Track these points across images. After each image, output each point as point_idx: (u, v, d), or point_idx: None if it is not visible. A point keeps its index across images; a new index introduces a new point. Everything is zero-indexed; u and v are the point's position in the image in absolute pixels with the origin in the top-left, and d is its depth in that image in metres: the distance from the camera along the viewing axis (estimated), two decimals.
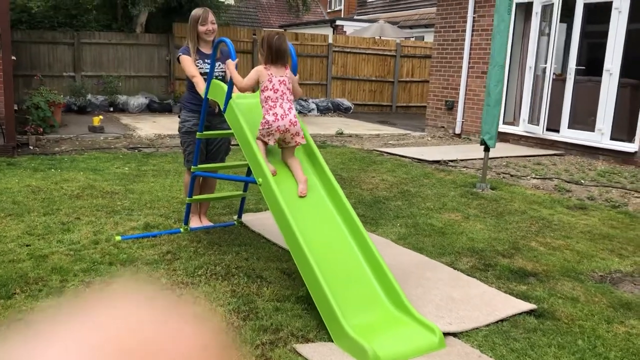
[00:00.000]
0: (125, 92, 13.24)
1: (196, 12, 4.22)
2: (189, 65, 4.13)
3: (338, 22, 21.18)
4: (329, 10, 32.34)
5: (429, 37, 19.63)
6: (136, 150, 8.14)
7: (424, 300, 3.26)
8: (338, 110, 15.11)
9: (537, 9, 9.48)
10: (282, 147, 3.59)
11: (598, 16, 8.80)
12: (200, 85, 4.06)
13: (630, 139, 8.48)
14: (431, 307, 3.19)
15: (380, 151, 8.67)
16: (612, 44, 8.41)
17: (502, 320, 3.08)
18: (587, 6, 8.80)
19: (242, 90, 3.64)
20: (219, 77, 4.13)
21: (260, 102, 3.57)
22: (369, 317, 2.96)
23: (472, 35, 10.77)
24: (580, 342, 2.89)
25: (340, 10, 32.60)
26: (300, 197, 3.41)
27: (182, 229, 4.40)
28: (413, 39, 18.68)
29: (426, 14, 21.09)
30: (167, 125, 10.81)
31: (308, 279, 3.00)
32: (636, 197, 6.23)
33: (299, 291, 3.35)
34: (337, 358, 2.64)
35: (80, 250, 3.94)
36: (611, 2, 8.40)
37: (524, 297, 3.43)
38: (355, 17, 24.51)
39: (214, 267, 3.72)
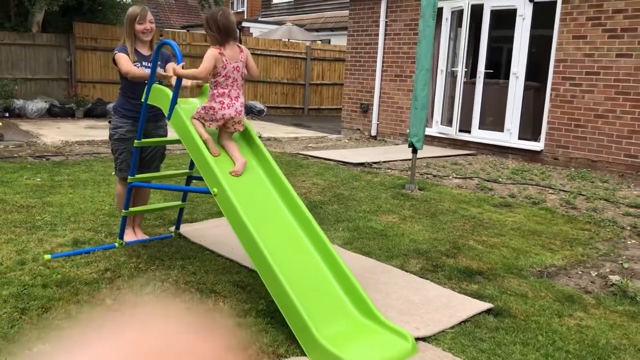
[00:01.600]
0: (22, 95, 12.28)
1: (133, 10, 3.94)
2: (125, 62, 3.85)
3: (244, 24, 20.92)
4: (232, 12, 31.89)
5: (335, 40, 19.95)
6: (44, 159, 7.55)
7: (386, 305, 3.25)
8: (251, 112, 14.93)
9: (447, 15, 9.87)
10: (220, 130, 3.51)
11: (504, 22, 9.30)
12: (137, 75, 3.80)
13: (535, 138, 9.04)
14: (394, 312, 3.18)
15: (305, 154, 8.64)
16: (518, 48, 8.93)
17: (464, 322, 3.13)
18: (493, 12, 9.29)
19: (203, 80, 3.50)
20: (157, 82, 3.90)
21: (209, 84, 3.45)
22: (339, 327, 2.89)
23: (384, 39, 11.03)
24: (540, 337, 3.00)
25: (243, 12, 32.30)
26: (235, 176, 3.33)
27: (116, 244, 4.10)
28: (319, 42, 18.88)
29: (332, 17, 21.38)
30: (73, 132, 10.16)
31: (275, 291, 2.88)
32: (551, 193, 6.64)
33: (258, 304, 3.23)
34: None
35: (5, 272, 3.55)
36: (516, 9, 8.91)
37: (478, 296, 3.51)
38: (260, 19, 24.37)
39: (161, 283, 3.50)
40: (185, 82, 3.68)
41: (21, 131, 9.96)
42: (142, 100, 3.80)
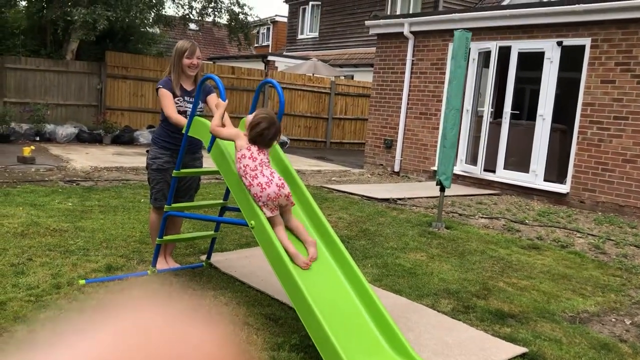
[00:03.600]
0: (53, 120, 12.57)
1: (183, 44, 4.04)
2: (170, 104, 3.95)
3: (270, 58, 21.30)
4: (256, 45, 32.51)
5: (359, 76, 20.19)
6: (74, 184, 7.69)
7: (419, 345, 3.23)
8: None
9: (474, 55, 9.97)
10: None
11: (531, 64, 9.37)
12: (178, 123, 3.90)
13: (561, 180, 9.00)
14: (428, 352, 3.16)
15: (329, 188, 8.68)
16: (545, 90, 8.97)
17: None
18: (521, 54, 9.37)
19: (211, 132, 3.43)
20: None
21: (238, 172, 3.31)
22: None
23: (410, 78, 11.15)
24: None
25: (267, 46, 32.95)
26: (311, 262, 3.21)
27: (149, 272, 4.15)
28: (343, 78, 19.12)
29: (356, 54, 21.69)
30: (102, 157, 10.34)
31: (310, 324, 2.89)
32: (579, 237, 6.57)
33: (291, 338, 3.23)
34: None
35: (42, 295, 3.61)
36: (544, 52, 8.99)
37: (511, 339, 3.47)
38: (285, 54, 24.79)
39: (194, 313, 3.51)
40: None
41: (52, 155, 10.16)
42: (183, 132, 3.90)
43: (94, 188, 7.46)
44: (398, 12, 18.87)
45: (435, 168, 9.83)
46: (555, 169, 9.26)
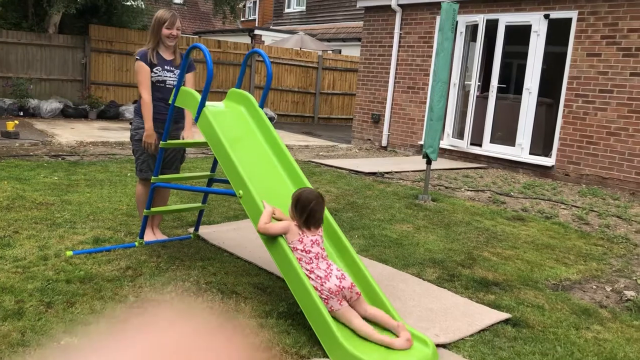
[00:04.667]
0: (37, 95, 12.40)
1: (163, 13, 4.02)
2: (143, 80, 4.00)
3: (256, 32, 21.07)
4: (242, 20, 32.11)
5: (346, 51, 20.06)
6: (60, 159, 7.63)
7: (405, 312, 3.28)
8: None
9: (461, 29, 9.95)
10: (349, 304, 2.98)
11: (518, 38, 9.36)
12: (144, 108, 3.97)
13: (547, 153, 9.08)
14: (414, 319, 3.22)
15: (317, 163, 8.69)
16: (532, 64, 8.99)
17: (483, 330, 3.16)
18: (508, 28, 9.36)
19: (261, 232, 3.06)
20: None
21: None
22: None
23: (398, 51, 11.10)
24: (559, 348, 3.02)
25: (254, 20, 32.53)
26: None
27: (137, 243, 4.15)
28: (331, 52, 18.99)
29: (343, 28, 21.52)
30: (87, 132, 10.25)
31: (298, 293, 2.92)
32: (563, 208, 6.66)
33: (279, 306, 3.27)
34: None
35: (29, 267, 3.61)
36: (530, 25, 8.98)
37: (495, 306, 3.54)
38: (272, 28, 24.53)
39: (182, 282, 3.54)
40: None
41: (36, 130, 10.05)
42: (164, 100, 3.94)
43: (80, 162, 7.41)
44: None
45: (422, 142, 9.86)
46: (541, 143, 9.34)
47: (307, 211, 3.04)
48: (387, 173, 8.12)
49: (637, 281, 4.25)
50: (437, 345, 2.90)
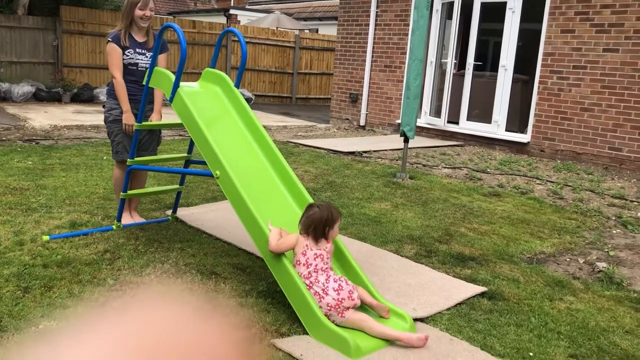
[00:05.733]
0: (7, 79, 12.13)
1: None
2: (114, 61, 3.95)
3: (232, 11, 20.80)
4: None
5: (324, 30, 19.93)
6: (34, 143, 7.50)
7: (383, 288, 3.33)
8: None
9: (437, 7, 9.94)
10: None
11: (494, 15, 9.39)
12: (118, 89, 3.93)
13: (522, 130, 9.18)
14: (392, 294, 3.27)
15: (295, 143, 8.68)
16: (507, 41, 9.04)
17: (460, 304, 3.22)
18: (484, 5, 9.37)
19: (271, 250, 2.97)
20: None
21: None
22: None
23: (375, 30, 11.07)
24: (533, 319, 3.10)
25: (230, 0, 32.06)
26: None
27: (114, 226, 4.13)
28: (308, 32, 18.84)
29: (320, 6, 21.34)
30: (61, 116, 10.08)
31: (278, 272, 2.95)
32: (538, 183, 6.77)
33: (259, 285, 3.29)
34: (317, 350, 2.63)
35: (5, 252, 3.57)
36: (505, 2, 9.01)
37: (471, 280, 3.61)
38: (248, 7, 24.21)
39: (161, 264, 3.54)
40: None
41: (8, 114, 9.86)
42: (137, 82, 3.91)
43: (55, 147, 7.30)
44: None
45: (400, 121, 9.90)
46: (517, 119, 9.43)
47: (313, 225, 2.98)
48: (365, 152, 8.15)
49: (609, 253, 4.36)
50: (415, 320, 2.95)
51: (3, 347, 2.50)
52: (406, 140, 6.43)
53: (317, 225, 2.99)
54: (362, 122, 11.44)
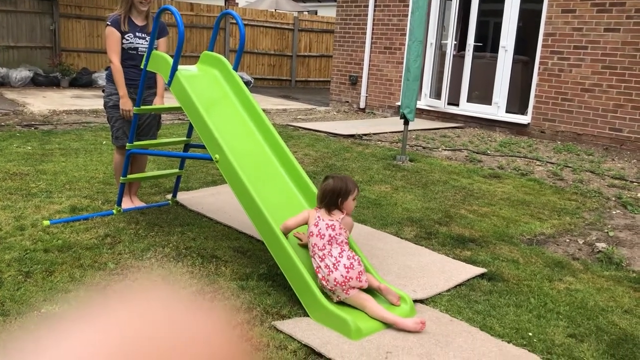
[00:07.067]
0: (5, 64, 12.06)
1: None
2: (112, 45, 3.93)
3: None
4: None
5: (323, 11, 19.80)
6: (33, 128, 7.48)
7: (383, 270, 3.34)
8: None
9: None
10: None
11: None
12: (116, 74, 3.90)
13: (523, 111, 9.15)
14: (392, 276, 3.28)
15: (295, 126, 8.66)
16: (507, 22, 8.97)
17: (459, 285, 3.24)
18: None
19: (285, 230, 3.02)
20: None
21: (309, 249, 3.03)
22: None
23: (374, 11, 10.98)
24: (532, 300, 3.12)
25: None
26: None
27: (114, 211, 4.14)
28: (307, 13, 18.71)
29: None
30: (60, 101, 10.04)
31: (277, 253, 2.96)
32: (538, 165, 6.76)
33: (259, 268, 3.31)
34: (318, 332, 2.64)
35: (6, 237, 3.58)
36: None
37: (471, 261, 3.62)
38: None
39: (162, 248, 3.55)
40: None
41: (6, 99, 9.82)
42: (137, 67, 3.88)
43: (54, 132, 7.28)
44: None
45: (400, 103, 9.86)
46: (517, 101, 9.39)
47: (327, 196, 3.00)
48: (365, 135, 8.13)
49: (609, 233, 4.37)
50: (415, 301, 2.97)
51: (6, 331, 2.51)
52: (406, 123, 6.41)
53: (330, 196, 3.00)
54: (362, 105, 11.40)
